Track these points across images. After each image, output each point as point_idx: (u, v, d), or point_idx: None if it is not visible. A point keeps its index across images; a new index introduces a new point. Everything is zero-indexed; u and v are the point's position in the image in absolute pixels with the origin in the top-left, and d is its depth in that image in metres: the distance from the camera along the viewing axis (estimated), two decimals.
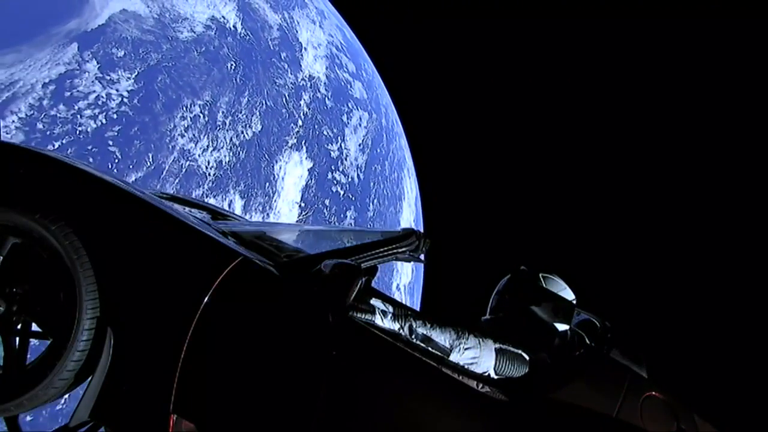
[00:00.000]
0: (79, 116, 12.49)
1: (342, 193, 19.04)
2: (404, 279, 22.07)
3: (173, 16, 15.66)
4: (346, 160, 20.00)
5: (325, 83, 20.77)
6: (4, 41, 12.23)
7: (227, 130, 15.57)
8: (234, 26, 17.56)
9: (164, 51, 14.74)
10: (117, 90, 13.25)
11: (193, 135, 14.52)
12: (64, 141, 12.18)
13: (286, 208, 16.60)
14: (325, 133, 19.42)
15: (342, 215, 18.62)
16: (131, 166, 13.05)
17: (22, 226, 1.71)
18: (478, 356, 1.84)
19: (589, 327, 2.14)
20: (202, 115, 14.99)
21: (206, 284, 1.68)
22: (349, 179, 19.68)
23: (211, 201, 14.59)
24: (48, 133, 12.03)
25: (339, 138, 20.21)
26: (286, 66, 18.74)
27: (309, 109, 19.00)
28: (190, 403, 1.63)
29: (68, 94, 12.49)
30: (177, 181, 13.85)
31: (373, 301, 1.86)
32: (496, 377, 1.84)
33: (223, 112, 15.70)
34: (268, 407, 1.65)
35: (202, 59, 15.76)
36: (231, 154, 15.41)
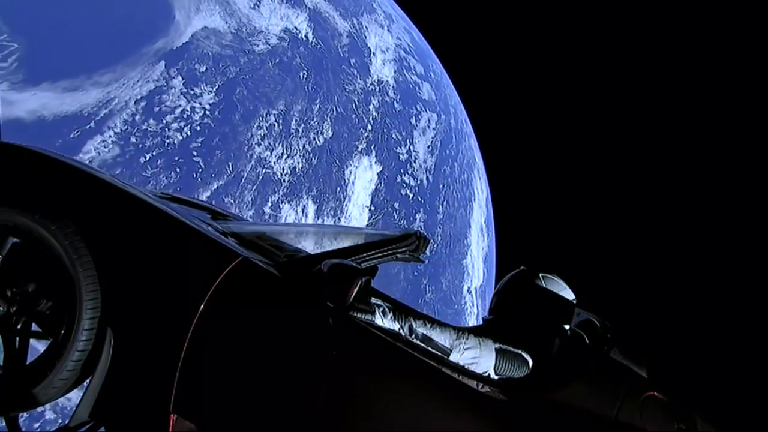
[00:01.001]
0: (167, 129, 13.43)
1: (411, 196, 19.05)
2: (475, 282, 21.71)
3: (249, 30, 16.41)
4: (414, 162, 19.99)
5: (393, 87, 20.89)
6: (101, 62, 13.42)
7: (300, 138, 16.09)
8: (305, 36, 18.11)
9: (242, 64, 15.49)
10: (200, 103, 14.10)
11: (269, 143, 15.14)
12: (154, 153, 13.16)
13: (356, 212, 16.88)
14: (393, 136, 19.53)
15: (411, 218, 18.64)
16: (213, 175, 13.85)
17: (22, 226, 1.71)
18: (478, 356, 1.82)
19: (589, 327, 2.13)
20: (276, 124, 15.59)
21: (206, 284, 1.68)
22: (418, 182, 19.66)
23: (286, 206, 15.16)
24: (140, 146, 13.05)
25: (408, 141, 20.25)
26: (355, 72, 19.05)
27: (378, 113, 19.20)
28: (190, 403, 1.63)
29: (157, 109, 13.48)
30: (254, 188, 14.51)
31: (373, 301, 1.84)
32: (496, 377, 1.83)
33: (296, 120, 16.23)
34: (268, 407, 1.65)
35: (276, 70, 16.38)
36: (304, 160, 15.90)
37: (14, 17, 13.23)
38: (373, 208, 17.51)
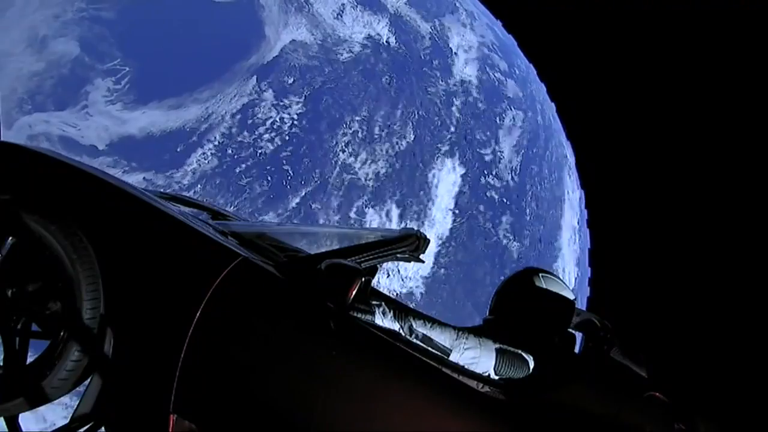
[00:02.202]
0: (259, 140, 14.20)
1: (497, 198, 18.53)
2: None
3: (334, 40, 16.88)
4: (500, 163, 19.43)
5: (476, 86, 20.46)
6: (201, 81, 14.50)
7: (383, 143, 16.27)
8: (388, 41, 18.28)
9: (327, 74, 15.98)
10: (289, 114, 14.75)
11: (353, 149, 15.48)
12: (248, 163, 13.99)
13: (440, 216, 16.75)
14: (477, 137, 19.12)
15: (497, 220, 18.13)
16: (302, 182, 14.42)
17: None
18: (478, 356, 1.77)
19: (589, 327, 2.04)
20: (360, 130, 15.90)
21: (206, 284, 1.64)
22: (504, 183, 19.08)
23: (370, 211, 15.41)
24: (236, 156, 13.93)
25: (492, 141, 19.72)
26: (437, 74, 18.91)
27: (461, 114, 18.90)
28: (190, 403, 1.60)
29: (250, 121, 14.30)
30: (340, 193, 14.91)
31: (373, 301, 1.78)
32: (496, 377, 1.78)
33: (379, 126, 16.44)
34: (268, 407, 1.60)
35: (360, 77, 16.71)
36: (387, 165, 16.06)
37: (126, 44, 14.68)
38: (457, 211, 17.28)
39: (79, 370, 1.64)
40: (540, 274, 2.05)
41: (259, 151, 13.98)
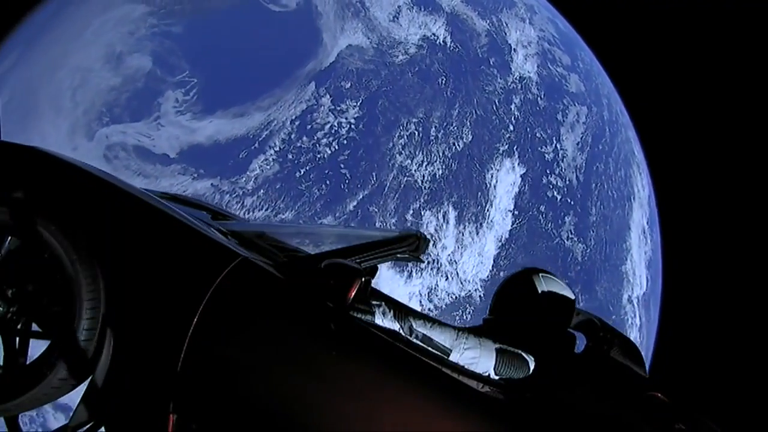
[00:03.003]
0: (317, 145, 14.52)
1: (559, 198, 17.89)
2: (637, 290, 19.58)
3: (389, 43, 16.94)
4: (562, 161, 18.74)
5: (536, 82, 19.85)
6: (262, 89, 15.03)
7: (440, 144, 16.13)
8: (443, 41, 18.11)
9: (383, 77, 16.05)
10: (346, 118, 14.96)
11: (410, 152, 15.45)
12: (307, 167, 14.32)
13: (499, 217, 16.38)
14: (538, 135, 18.54)
15: (560, 221, 17.50)
16: (359, 186, 14.58)
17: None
18: (478, 356, 1.80)
19: (589, 327, 2.07)
20: (416, 132, 15.85)
21: (206, 284, 1.66)
22: (567, 182, 18.38)
23: (427, 214, 15.33)
24: (295, 162, 14.31)
25: (554, 139, 19.06)
26: (495, 71, 18.51)
27: (520, 112, 18.40)
28: (190, 403, 1.62)
29: (309, 127, 14.64)
30: (397, 196, 14.93)
31: (373, 301, 1.80)
32: (496, 377, 1.81)
33: (435, 127, 16.32)
34: (269, 407, 1.60)
35: (415, 79, 16.66)
36: (444, 166, 15.91)
37: (193, 56, 15.47)
38: (516, 212, 16.84)
39: (78, 370, 1.70)
40: (540, 274, 2.12)
41: (318, 155, 14.29)
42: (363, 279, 1.72)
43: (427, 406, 1.63)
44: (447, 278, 15.51)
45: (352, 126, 14.99)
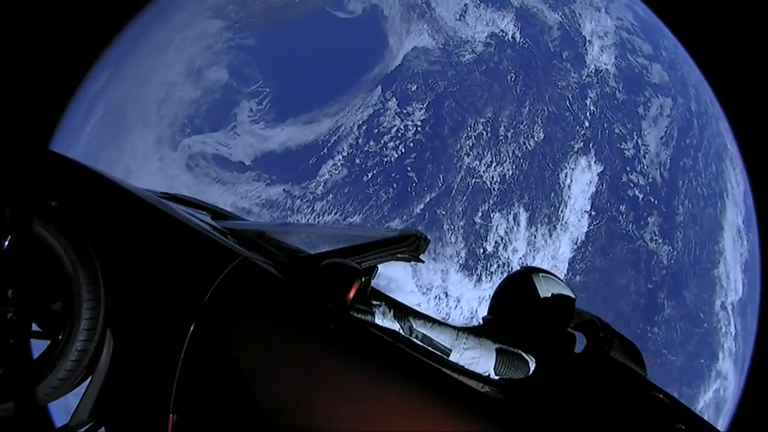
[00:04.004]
0: (384, 149, 14.60)
1: (641, 197, 16.76)
2: (732, 295, 17.93)
3: (456, 43, 16.69)
4: (644, 158, 17.55)
5: (614, 75, 18.75)
6: (330, 96, 15.35)
7: (509, 143, 15.66)
8: (512, 37, 17.57)
9: (449, 77, 15.85)
10: (412, 121, 14.92)
11: (478, 153, 15.13)
12: (374, 171, 14.44)
13: (574, 218, 15.62)
14: (616, 131, 17.49)
15: (642, 222, 16.40)
16: (426, 188, 14.48)
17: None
18: (478, 356, 1.80)
19: (589, 327, 2.06)
20: (484, 132, 15.49)
21: (206, 284, 1.65)
22: (650, 180, 17.19)
23: (496, 215, 14.92)
24: (363, 166, 14.48)
25: (634, 134, 17.90)
26: (568, 65, 17.70)
27: (596, 107, 17.45)
28: (190, 403, 1.60)
29: (376, 131, 14.76)
30: (465, 198, 14.67)
31: (373, 301, 1.80)
32: (496, 377, 1.81)
33: (504, 126, 15.86)
34: (268, 407, 1.59)
35: (483, 77, 16.29)
36: (514, 166, 15.42)
37: (265, 67, 16.12)
38: (593, 213, 15.97)
39: (79, 370, 1.71)
40: (540, 274, 2.12)
41: (385, 159, 14.36)
42: (363, 279, 1.71)
43: (427, 406, 1.62)
44: None
45: (419, 128, 14.92)
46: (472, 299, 14.44)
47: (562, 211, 15.66)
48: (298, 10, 17.39)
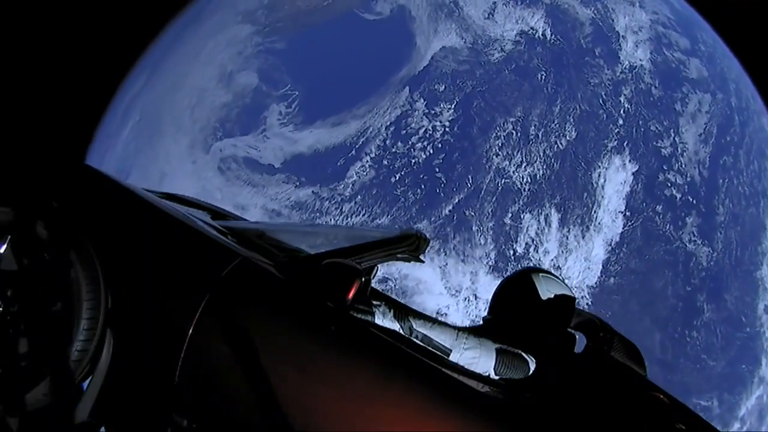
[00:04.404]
0: (412, 150, 14.55)
1: (679, 196, 16.21)
2: None
3: (484, 41, 16.50)
4: (682, 156, 16.97)
5: (650, 71, 18.20)
6: (358, 97, 15.40)
7: (540, 143, 15.38)
8: (543, 34, 17.26)
9: (478, 77, 15.68)
10: (440, 121, 14.82)
11: (507, 153, 14.91)
12: (402, 173, 14.41)
13: (608, 219, 15.22)
14: (652, 128, 16.97)
15: (680, 222, 15.86)
16: (454, 189, 14.36)
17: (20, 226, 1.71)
18: (478, 356, 1.80)
19: (589, 327, 2.07)
20: (514, 132, 15.25)
21: (206, 284, 1.65)
22: (688, 179, 16.61)
23: (527, 216, 14.67)
24: (391, 167, 14.46)
25: (671, 131, 17.34)
26: (601, 62, 17.27)
27: (631, 104, 16.98)
28: (189, 402, 1.61)
29: (404, 132, 14.72)
30: (494, 199, 14.48)
31: (373, 301, 1.81)
32: (496, 377, 1.81)
33: (534, 126, 15.59)
34: (268, 407, 1.59)
35: (512, 76, 16.05)
36: (545, 166, 15.14)
37: (294, 70, 16.30)
38: (628, 214, 15.53)
39: (79, 370, 1.71)
40: (540, 274, 2.12)
41: (413, 160, 14.32)
42: (363, 279, 1.73)
43: (427, 407, 1.62)
44: None
45: (447, 129, 14.81)
46: None
47: (595, 212, 15.28)
48: (326, 13, 17.53)
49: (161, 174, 16.84)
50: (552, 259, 14.83)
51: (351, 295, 1.66)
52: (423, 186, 14.32)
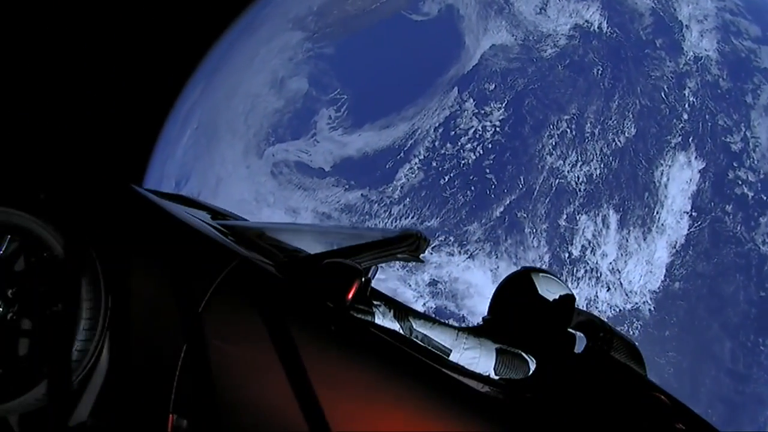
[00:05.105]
0: (461, 151, 14.34)
1: (751, 195, 15.10)
2: None
3: (536, 37, 16.04)
4: (754, 151, 15.80)
5: (717, 61, 17.09)
6: (406, 100, 15.37)
7: (596, 141, 14.76)
8: (599, 27, 16.58)
9: (529, 74, 15.25)
10: (490, 121, 14.53)
11: (562, 152, 14.41)
12: (451, 174, 14.24)
13: (672, 220, 14.39)
14: (720, 122, 15.90)
15: (752, 223, 14.77)
16: (505, 190, 14.03)
17: (21, 226, 1.72)
18: (478, 356, 1.84)
19: (589, 327, 2.09)
20: (569, 130, 14.72)
21: (206, 284, 1.66)
22: (761, 176, 15.45)
23: (583, 218, 14.09)
24: (439, 169, 14.33)
25: (742, 125, 16.18)
26: (662, 54, 16.38)
27: (696, 97, 15.99)
28: (189, 403, 1.62)
29: (452, 133, 14.54)
30: (547, 200, 14.02)
31: (373, 301, 1.83)
32: (496, 377, 1.85)
33: (591, 123, 14.98)
34: (268, 407, 1.61)
35: (566, 72, 15.51)
36: (602, 165, 14.51)
37: (343, 74, 16.48)
38: (694, 214, 14.61)
39: (78, 370, 1.71)
40: (540, 274, 2.12)
41: (462, 161, 14.11)
42: (363, 279, 1.74)
43: (427, 407, 1.61)
44: (608, 289, 14.09)
45: (497, 129, 14.49)
46: None
47: (658, 212, 14.48)
48: (374, 17, 17.61)
49: (218, 179, 17.50)
50: (610, 263, 14.17)
51: (351, 295, 1.67)
52: (473, 187, 14.07)
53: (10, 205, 1.76)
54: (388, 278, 13.86)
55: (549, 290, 2.10)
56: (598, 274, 14.08)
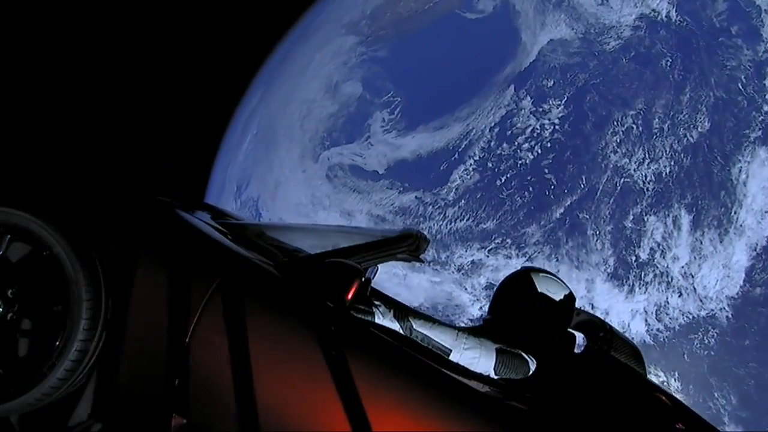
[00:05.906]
0: (518, 151, 13.93)
1: None
2: None
3: (598, 30, 15.32)
4: None
5: None
6: (460, 100, 15.13)
7: (666, 137, 13.88)
8: (666, 16, 15.60)
9: (591, 68, 14.59)
10: (549, 119, 14.02)
11: (627, 149, 13.67)
12: (508, 175, 13.86)
13: (752, 220, 13.29)
14: None
15: None
16: (566, 191, 13.48)
17: (21, 226, 1.72)
18: (478, 356, 1.83)
19: (589, 327, 2.11)
20: (635, 126, 13.93)
21: (206, 284, 1.66)
22: None
23: (651, 219, 13.28)
24: (495, 170, 13.98)
25: None
26: (739, 42, 15.18)
27: None
28: (190, 403, 1.62)
29: (509, 132, 14.16)
30: (612, 200, 13.34)
31: (373, 301, 1.84)
32: (496, 377, 1.83)
33: (659, 118, 14.11)
34: (268, 407, 1.60)
35: (631, 65, 14.71)
36: (672, 163, 13.62)
37: (396, 77, 16.47)
38: None
39: (78, 370, 1.71)
40: (540, 274, 2.12)
41: (519, 162, 13.70)
42: (363, 279, 1.75)
43: (427, 407, 1.63)
44: (680, 294, 13.19)
45: (557, 127, 13.96)
46: (623, 312, 13.05)
47: (735, 212, 13.41)
48: (427, 17, 17.48)
49: (276, 183, 17.99)
50: (683, 266, 13.27)
51: (351, 295, 1.68)
52: (531, 188, 13.63)
53: (10, 205, 1.76)
54: (443, 281, 13.70)
55: (549, 290, 2.09)
56: (669, 279, 13.20)
